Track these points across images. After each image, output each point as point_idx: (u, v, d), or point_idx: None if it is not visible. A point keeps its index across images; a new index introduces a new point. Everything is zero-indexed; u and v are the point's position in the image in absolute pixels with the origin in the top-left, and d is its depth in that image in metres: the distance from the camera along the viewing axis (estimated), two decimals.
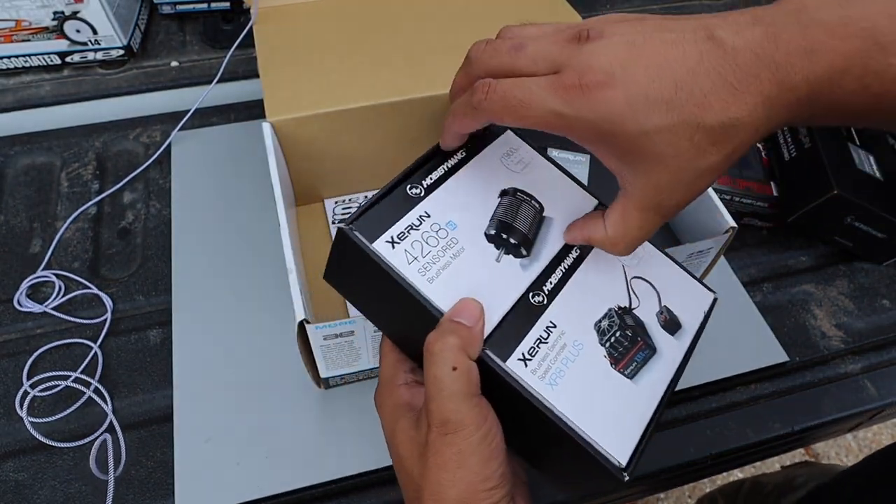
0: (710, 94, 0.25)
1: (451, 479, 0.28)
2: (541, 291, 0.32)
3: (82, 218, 0.63)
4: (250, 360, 0.53)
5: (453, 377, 0.29)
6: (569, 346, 0.31)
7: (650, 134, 0.26)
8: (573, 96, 0.26)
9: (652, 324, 0.34)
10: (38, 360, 0.53)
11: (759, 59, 0.25)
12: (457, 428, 0.28)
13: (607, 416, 0.30)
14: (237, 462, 0.48)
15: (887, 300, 0.62)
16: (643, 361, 0.32)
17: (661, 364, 0.32)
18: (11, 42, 0.70)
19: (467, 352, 0.29)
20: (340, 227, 0.31)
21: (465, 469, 0.28)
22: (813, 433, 0.55)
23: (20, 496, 0.46)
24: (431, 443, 0.29)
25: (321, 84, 0.56)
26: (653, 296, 0.35)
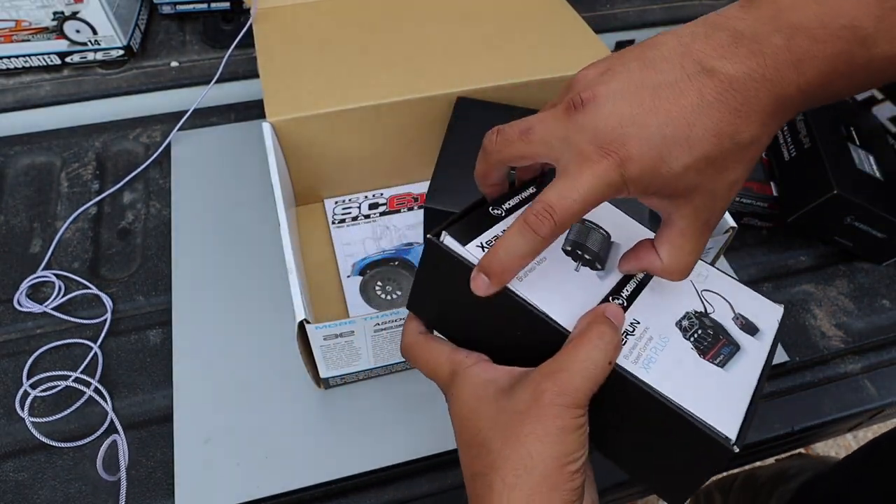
0: (720, 122, 0.27)
1: (544, 452, 0.27)
2: (620, 296, 0.33)
3: (82, 218, 0.63)
4: (250, 360, 0.53)
5: (605, 370, 0.29)
6: (655, 339, 0.32)
7: (681, 174, 0.28)
8: (609, 165, 0.28)
9: (730, 326, 0.34)
10: (38, 360, 0.53)
11: (752, 80, 0.27)
12: (570, 405, 0.28)
13: (707, 395, 0.30)
14: (237, 462, 0.48)
15: (887, 300, 0.62)
16: (730, 355, 0.32)
17: (748, 358, 0.33)
18: (11, 42, 0.70)
19: (617, 353, 0.30)
20: (428, 237, 0.31)
21: (563, 445, 0.28)
22: (813, 433, 0.55)
23: (20, 496, 0.46)
24: (535, 413, 0.28)
25: (321, 84, 0.56)
26: (725, 305, 0.35)
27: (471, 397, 0.30)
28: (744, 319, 0.35)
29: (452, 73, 0.58)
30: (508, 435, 0.28)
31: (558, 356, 0.29)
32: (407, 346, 0.35)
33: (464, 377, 0.31)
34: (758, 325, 0.35)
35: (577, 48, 0.61)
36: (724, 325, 0.34)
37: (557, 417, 0.28)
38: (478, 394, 0.30)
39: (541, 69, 0.58)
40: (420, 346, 0.34)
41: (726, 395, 0.30)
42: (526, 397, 0.28)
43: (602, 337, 0.29)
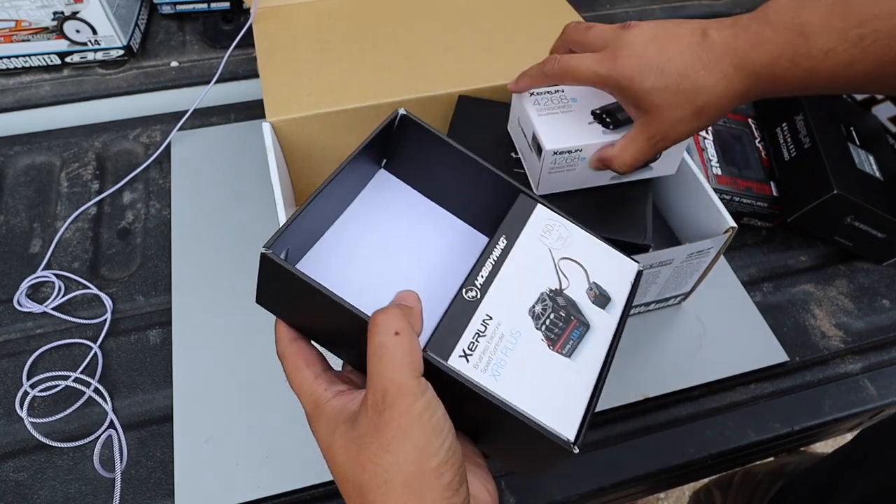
0: (689, 68, 0.39)
1: (394, 460, 0.27)
2: (473, 286, 0.34)
3: (82, 218, 0.63)
4: (250, 360, 0.53)
5: (395, 342, 0.28)
6: (507, 336, 0.32)
7: (650, 90, 0.40)
8: (607, 62, 0.41)
9: (583, 301, 0.35)
10: (38, 360, 0.53)
11: (726, 48, 0.39)
12: (395, 399, 0.27)
13: (551, 396, 0.31)
14: (237, 462, 0.48)
15: (887, 300, 0.62)
16: (579, 338, 0.34)
17: (596, 338, 0.34)
18: (11, 42, 0.70)
19: (409, 322, 0.29)
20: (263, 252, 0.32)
21: (409, 445, 0.27)
22: (813, 433, 0.55)
23: (20, 496, 0.46)
24: (369, 428, 0.27)
25: (321, 84, 0.56)
26: (581, 274, 0.36)
27: (327, 435, 0.30)
28: (597, 290, 0.36)
29: (452, 73, 0.58)
30: (362, 461, 0.27)
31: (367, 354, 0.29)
32: (279, 354, 0.34)
33: (321, 413, 0.31)
34: (610, 295, 0.36)
35: None
36: (578, 302, 0.35)
37: (389, 422, 0.27)
38: (333, 429, 0.29)
39: None
40: (288, 360, 0.34)
41: (569, 393, 0.32)
42: (364, 418, 0.28)
43: (385, 317, 0.29)
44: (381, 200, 0.43)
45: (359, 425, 0.28)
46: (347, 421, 0.29)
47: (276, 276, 0.33)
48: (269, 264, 0.32)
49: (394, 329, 0.28)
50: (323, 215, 0.39)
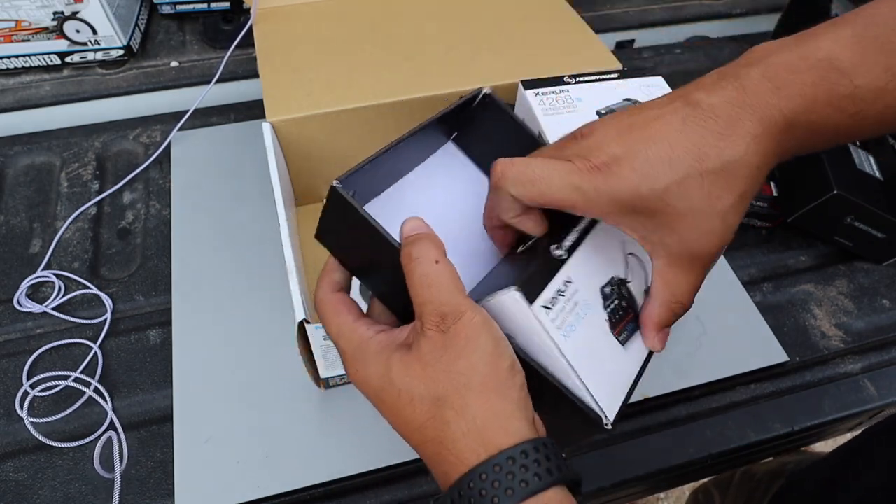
0: (702, 145, 0.28)
1: (469, 365, 0.27)
2: (562, 246, 0.34)
3: (82, 218, 0.63)
4: (250, 360, 0.53)
5: (439, 270, 0.29)
6: (580, 304, 0.33)
7: (662, 192, 0.29)
8: (588, 175, 0.29)
9: (639, 298, 0.36)
10: (38, 360, 0.53)
11: (735, 107, 0.28)
12: (456, 317, 0.28)
13: (604, 373, 0.32)
14: (237, 462, 0.48)
15: (887, 300, 0.62)
16: (632, 331, 0.35)
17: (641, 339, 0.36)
18: (11, 42, 0.70)
19: (441, 248, 0.30)
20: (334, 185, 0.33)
21: (480, 351, 0.27)
22: (813, 433, 0.55)
23: (20, 496, 0.46)
24: (435, 346, 0.28)
25: (321, 84, 0.56)
26: (641, 273, 0.37)
27: (380, 366, 0.30)
28: None
29: (453, 73, 0.58)
30: (432, 374, 0.28)
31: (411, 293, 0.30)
32: (318, 301, 0.34)
33: (367, 350, 0.31)
34: None
35: (577, 48, 0.61)
36: (636, 298, 0.36)
37: (456, 336, 0.28)
38: (386, 359, 0.30)
39: (541, 69, 0.58)
40: (328, 306, 0.33)
41: (617, 377, 0.33)
42: (425, 341, 0.28)
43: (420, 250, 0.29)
44: (444, 171, 0.44)
45: (420, 348, 0.28)
46: (401, 349, 0.30)
47: (339, 209, 0.34)
48: (337, 198, 0.33)
49: (433, 258, 0.29)
50: (388, 171, 0.40)
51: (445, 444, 0.27)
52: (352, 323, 0.32)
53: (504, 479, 0.26)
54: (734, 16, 0.90)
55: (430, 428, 0.28)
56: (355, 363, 0.31)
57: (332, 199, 0.34)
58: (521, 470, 0.26)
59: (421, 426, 0.28)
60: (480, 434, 0.27)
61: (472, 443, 0.27)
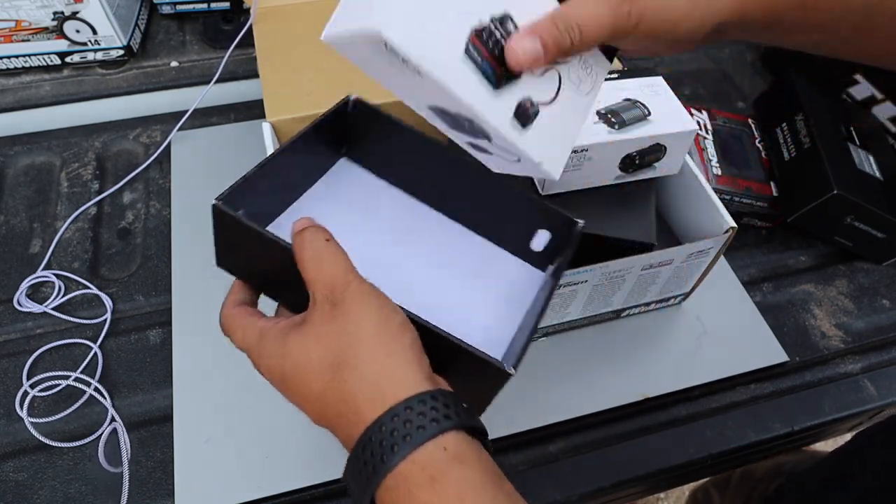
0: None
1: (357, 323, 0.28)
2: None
3: (82, 218, 0.63)
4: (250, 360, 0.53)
5: (329, 247, 0.30)
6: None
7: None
8: None
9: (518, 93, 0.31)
10: (38, 360, 0.53)
11: None
12: (345, 287, 0.29)
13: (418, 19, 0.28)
14: (237, 462, 0.48)
15: (887, 300, 0.62)
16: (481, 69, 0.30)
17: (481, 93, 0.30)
18: (11, 42, 0.70)
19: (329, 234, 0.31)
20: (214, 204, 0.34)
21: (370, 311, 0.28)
22: (813, 433, 0.55)
23: (20, 496, 0.46)
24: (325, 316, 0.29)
25: (321, 84, 0.56)
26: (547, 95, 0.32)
27: (278, 345, 0.31)
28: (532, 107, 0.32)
29: None
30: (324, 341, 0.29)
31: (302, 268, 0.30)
32: (222, 318, 0.35)
33: (268, 336, 0.32)
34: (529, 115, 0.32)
35: None
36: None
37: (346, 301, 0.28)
38: (284, 337, 0.31)
39: None
40: (232, 320, 0.34)
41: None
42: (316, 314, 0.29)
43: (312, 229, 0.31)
44: (340, 186, 0.44)
45: (313, 320, 0.29)
46: (297, 326, 0.30)
47: (225, 228, 0.35)
48: (220, 215, 0.34)
49: (322, 237, 0.30)
50: (281, 191, 0.40)
51: (346, 401, 0.28)
52: (253, 322, 0.33)
53: (401, 427, 0.26)
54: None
55: (330, 390, 0.29)
56: (259, 356, 0.32)
57: (216, 218, 0.34)
58: (419, 417, 0.26)
59: (322, 392, 0.29)
60: (377, 387, 0.27)
61: (369, 397, 0.27)
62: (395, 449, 0.26)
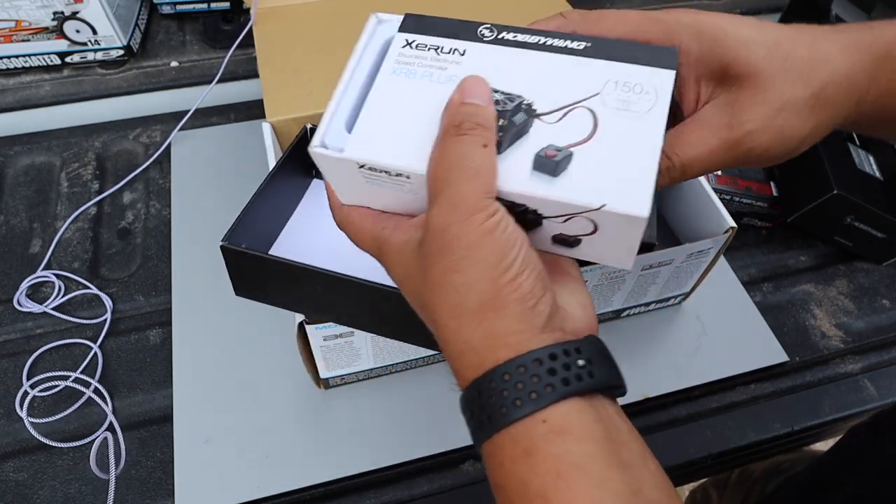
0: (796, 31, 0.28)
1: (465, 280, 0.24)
2: (496, 30, 0.29)
3: (82, 218, 0.63)
4: (250, 360, 0.53)
5: (483, 155, 0.25)
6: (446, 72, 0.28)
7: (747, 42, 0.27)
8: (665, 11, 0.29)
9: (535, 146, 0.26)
10: (38, 360, 0.53)
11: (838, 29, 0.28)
12: (465, 215, 0.24)
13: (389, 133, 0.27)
14: (237, 462, 0.48)
15: (887, 300, 0.61)
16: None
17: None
18: (11, 42, 0.70)
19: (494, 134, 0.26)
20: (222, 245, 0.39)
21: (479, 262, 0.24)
22: (813, 433, 0.55)
23: (20, 496, 0.46)
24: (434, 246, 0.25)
25: (321, 84, 0.56)
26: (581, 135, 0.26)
27: (397, 265, 0.28)
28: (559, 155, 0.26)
29: None
30: (430, 284, 0.25)
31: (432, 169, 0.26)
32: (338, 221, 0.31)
33: (387, 247, 0.29)
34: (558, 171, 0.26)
35: None
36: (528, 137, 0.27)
37: (458, 238, 0.24)
38: (402, 260, 0.28)
39: None
40: (346, 218, 0.31)
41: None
42: (429, 236, 0.25)
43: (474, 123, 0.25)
44: (319, 202, 0.48)
45: (424, 245, 0.26)
46: (417, 246, 0.27)
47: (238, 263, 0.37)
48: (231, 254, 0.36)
49: (482, 141, 0.25)
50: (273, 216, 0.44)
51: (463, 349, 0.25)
52: (370, 225, 0.30)
53: (529, 382, 0.23)
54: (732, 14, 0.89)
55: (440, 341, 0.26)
56: (383, 265, 0.30)
57: (226, 256, 0.36)
58: (548, 374, 0.23)
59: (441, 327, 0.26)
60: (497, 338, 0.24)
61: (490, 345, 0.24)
62: (517, 404, 0.23)
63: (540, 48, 0.28)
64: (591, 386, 0.24)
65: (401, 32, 0.30)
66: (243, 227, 0.39)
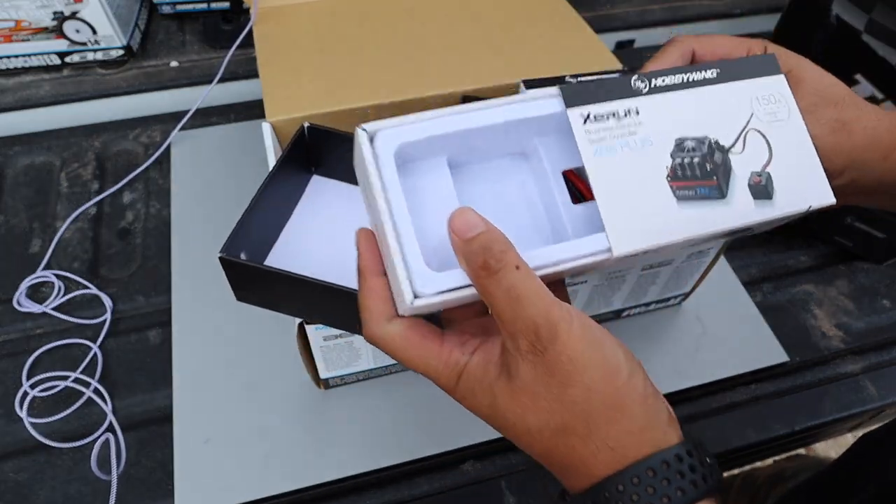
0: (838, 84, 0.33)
1: (584, 391, 0.24)
2: (647, 80, 0.30)
3: (82, 218, 0.63)
4: (250, 360, 0.53)
5: (522, 277, 0.25)
6: (637, 136, 0.29)
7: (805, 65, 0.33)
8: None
9: (741, 177, 0.30)
10: (37, 360, 0.53)
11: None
12: (551, 333, 0.24)
13: (634, 216, 0.28)
14: (237, 462, 0.48)
15: (887, 300, 0.61)
16: (701, 196, 0.29)
17: (722, 211, 0.29)
18: (11, 42, 0.70)
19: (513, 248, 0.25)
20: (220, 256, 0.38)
21: (590, 371, 0.24)
22: (813, 433, 0.55)
23: (20, 496, 0.46)
24: (536, 373, 0.25)
25: (321, 84, 0.56)
26: (763, 154, 0.30)
27: (485, 397, 0.27)
28: (765, 180, 0.30)
29: (453, 73, 0.58)
30: (545, 406, 0.25)
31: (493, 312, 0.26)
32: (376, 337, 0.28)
33: (467, 380, 0.28)
34: (773, 194, 0.30)
35: (578, 48, 0.61)
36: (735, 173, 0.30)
37: (559, 355, 0.24)
38: (489, 388, 0.27)
39: (541, 69, 0.58)
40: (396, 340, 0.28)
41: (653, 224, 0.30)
42: (523, 367, 0.25)
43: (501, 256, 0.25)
44: (318, 199, 0.49)
45: (520, 375, 0.25)
46: (502, 376, 0.26)
47: (239, 274, 0.38)
48: (230, 265, 0.37)
49: (513, 264, 0.25)
50: (271, 221, 0.45)
51: (574, 465, 0.26)
52: (438, 351, 0.28)
53: (644, 494, 0.24)
54: (734, 16, 0.90)
55: (556, 454, 0.26)
56: (458, 394, 0.28)
57: (224, 266, 0.37)
58: (663, 483, 0.24)
59: (544, 453, 0.27)
60: (613, 452, 0.25)
61: (604, 460, 0.25)
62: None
63: (687, 86, 0.31)
64: (719, 482, 0.26)
65: (570, 108, 0.29)
66: (241, 234, 0.39)
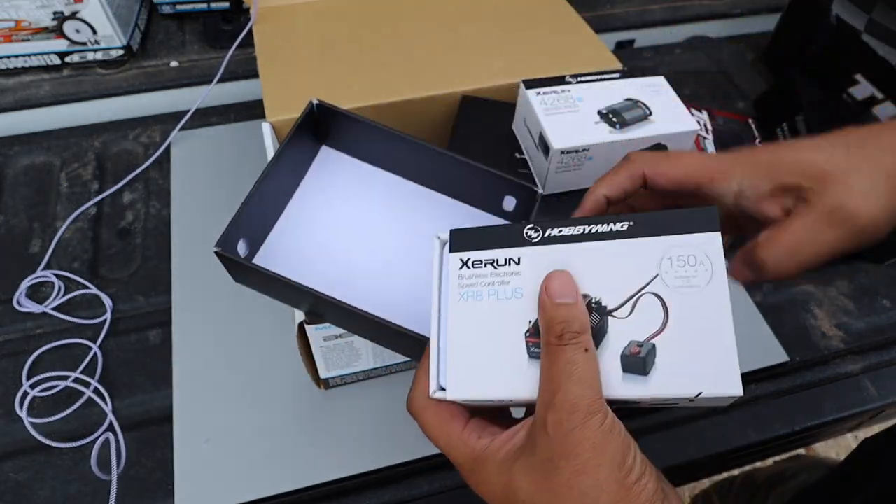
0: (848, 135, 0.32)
1: (594, 483, 0.25)
2: (540, 229, 0.28)
3: (82, 218, 0.63)
4: (250, 360, 0.53)
5: (586, 359, 0.26)
6: (509, 286, 0.28)
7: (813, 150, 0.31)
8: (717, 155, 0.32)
9: (615, 345, 0.27)
10: (37, 360, 0.53)
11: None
12: (585, 417, 0.25)
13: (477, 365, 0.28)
14: (237, 462, 0.48)
15: (887, 300, 0.61)
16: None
17: None
18: (11, 42, 0.70)
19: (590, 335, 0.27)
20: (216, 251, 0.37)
21: (605, 465, 0.25)
22: (813, 433, 0.55)
23: (20, 496, 0.46)
24: (555, 450, 0.25)
25: (321, 84, 0.56)
26: (654, 325, 0.27)
27: (502, 475, 0.28)
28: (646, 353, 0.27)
29: (453, 73, 0.58)
30: (553, 487, 0.26)
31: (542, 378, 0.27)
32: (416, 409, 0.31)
33: (485, 461, 0.28)
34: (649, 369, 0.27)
35: (578, 48, 0.61)
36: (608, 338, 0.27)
37: (582, 440, 0.25)
38: (509, 467, 0.28)
39: (541, 69, 0.58)
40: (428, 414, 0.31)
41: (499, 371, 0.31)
42: (544, 440, 0.26)
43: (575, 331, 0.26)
44: (326, 172, 0.48)
45: (540, 449, 0.26)
46: (522, 451, 0.27)
47: (233, 268, 0.38)
48: (226, 260, 0.37)
49: (584, 345, 0.26)
50: (272, 202, 0.44)
51: None
52: (460, 433, 0.29)
53: None
54: (734, 16, 0.90)
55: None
56: (473, 476, 0.29)
57: (223, 261, 0.37)
58: None
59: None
60: None
61: None
62: None
63: (587, 238, 0.28)
64: None
65: (453, 253, 0.29)
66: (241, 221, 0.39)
